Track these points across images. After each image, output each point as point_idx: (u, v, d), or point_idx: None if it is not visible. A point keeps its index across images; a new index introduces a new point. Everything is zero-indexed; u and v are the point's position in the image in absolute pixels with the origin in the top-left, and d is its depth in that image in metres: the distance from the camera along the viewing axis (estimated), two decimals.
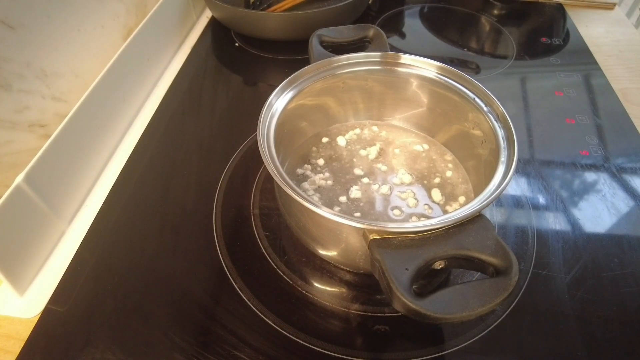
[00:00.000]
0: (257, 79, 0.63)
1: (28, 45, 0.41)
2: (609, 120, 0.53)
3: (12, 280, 0.37)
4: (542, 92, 0.58)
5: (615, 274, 0.39)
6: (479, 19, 0.74)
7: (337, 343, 0.34)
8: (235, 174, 0.47)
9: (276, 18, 0.64)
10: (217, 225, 0.42)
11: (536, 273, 0.38)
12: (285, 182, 0.31)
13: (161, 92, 0.59)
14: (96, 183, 0.48)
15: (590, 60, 0.63)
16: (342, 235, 0.32)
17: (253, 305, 0.37)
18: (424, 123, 0.45)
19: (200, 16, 0.75)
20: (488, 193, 0.30)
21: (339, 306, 0.37)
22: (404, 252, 0.27)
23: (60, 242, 0.42)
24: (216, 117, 0.56)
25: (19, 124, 0.41)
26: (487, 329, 0.35)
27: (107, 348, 0.34)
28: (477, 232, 0.28)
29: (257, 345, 0.34)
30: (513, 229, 0.42)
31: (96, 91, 0.47)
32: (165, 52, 0.64)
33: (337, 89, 0.43)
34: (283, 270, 0.39)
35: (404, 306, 0.25)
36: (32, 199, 0.39)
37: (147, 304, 0.37)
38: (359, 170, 0.42)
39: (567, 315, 0.36)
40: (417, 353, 0.34)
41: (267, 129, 0.36)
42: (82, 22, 0.48)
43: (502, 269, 0.26)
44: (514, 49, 0.67)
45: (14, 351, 0.34)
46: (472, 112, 0.38)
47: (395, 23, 0.74)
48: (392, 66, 0.42)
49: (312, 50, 0.44)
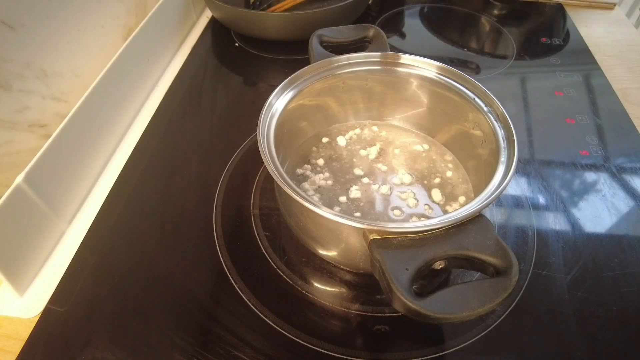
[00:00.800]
0: (257, 79, 0.63)
1: (28, 45, 0.41)
2: (609, 120, 0.53)
3: (12, 280, 0.37)
4: (542, 92, 0.58)
5: (615, 274, 0.39)
6: (479, 19, 0.74)
7: (337, 343, 0.34)
8: (235, 174, 0.47)
9: (276, 18, 0.64)
10: (217, 225, 0.42)
11: (536, 273, 0.38)
12: (285, 182, 0.31)
13: (161, 92, 0.59)
14: (96, 183, 0.48)
15: (590, 60, 0.63)
16: (342, 235, 0.32)
17: (253, 305, 0.37)
18: (424, 123, 0.45)
19: (200, 16, 0.75)
20: (488, 193, 0.30)
21: (339, 306, 0.37)
22: (404, 252, 0.27)
23: (60, 242, 0.42)
24: (216, 117, 0.56)
25: (19, 124, 0.41)
26: (487, 329, 0.35)
27: (107, 348, 0.34)
28: (477, 232, 0.28)
29: (257, 345, 0.34)
30: (513, 229, 0.42)
31: (96, 91, 0.47)
32: (165, 52, 0.64)
33: (337, 89, 0.43)
34: (283, 270, 0.39)
35: (404, 306, 0.25)
36: (32, 199, 0.39)
37: (147, 304, 0.37)
38: (359, 170, 0.42)
39: (567, 315, 0.36)
40: (417, 353, 0.34)
41: (267, 129, 0.36)
42: (82, 22, 0.48)
43: (502, 269, 0.26)
44: (514, 49, 0.67)
45: (14, 351, 0.34)
46: (472, 112, 0.38)
47: (395, 23, 0.74)
48: (392, 66, 0.42)
49: (312, 50, 0.44)
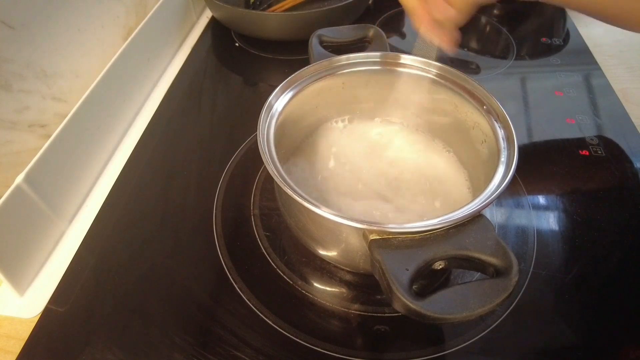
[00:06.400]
0: (257, 79, 0.63)
1: (28, 45, 0.41)
2: (609, 120, 0.53)
3: (12, 280, 0.37)
4: (542, 92, 0.58)
5: (615, 274, 0.39)
6: (479, 19, 0.74)
7: (337, 343, 0.34)
8: (235, 174, 0.47)
9: (276, 18, 0.64)
10: (217, 225, 0.42)
11: (536, 273, 0.38)
12: (285, 182, 0.31)
13: (161, 92, 0.59)
14: (96, 183, 0.48)
15: (591, 60, 0.63)
16: (342, 236, 0.32)
17: (253, 305, 0.37)
18: (424, 123, 0.45)
19: (200, 16, 0.75)
20: (488, 193, 0.30)
21: (339, 306, 0.37)
22: (404, 253, 0.27)
23: (60, 242, 0.42)
24: (216, 117, 0.56)
25: (19, 124, 0.41)
26: (487, 329, 0.35)
27: (107, 348, 0.34)
28: (477, 232, 0.28)
29: (257, 345, 0.34)
30: (513, 229, 0.42)
31: (96, 91, 0.47)
32: (165, 52, 0.64)
33: (337, 89, 0.43)
34: (283, 270, 0.39)
35: (404, 306, 0.25)
36: (32, 199, 0.39)
37: (147, 304, 0.37)
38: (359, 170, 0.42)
39: (567, 315, 0.36)
40: (417, 353, 0.34)
41: (267, 129, 0.36)
42: (82, 22, 0.48)
43: (502, 269, 0.26)
44: (514, 49, 0.67)
45: (14, 351, 0.34)
46: (472, 112, 0.38)
47: (395, 23, 0.74)
48: (392, 66, 0.42)
49: (312, 50, 0.44)
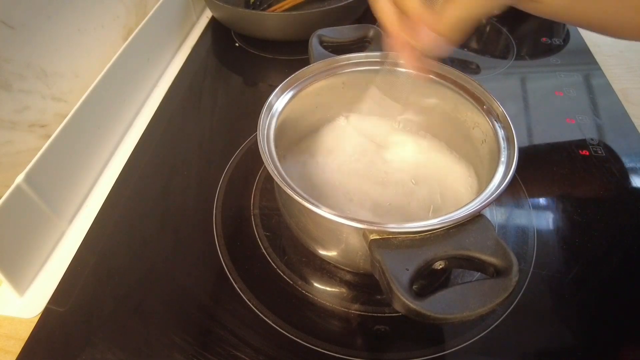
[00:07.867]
0: (257, 79, 0.63)
1: (28, 45, 0.41)
2: (609, 120, 0.53)
3: (12, 280, 0.37)
4: (542, 92, 0.58)
5: (615, 274, 0.39)
6: None
7: (337, 343, 0.34)
8: (235, 174, 0.47)
9: (276, 18, 0.64)
10: (217, 226, 0.42)
11: (536, 273, 0.38)
12: (285, 182, 0.31)
13: (161, 92, 0.59)
14: (96, 183, 0.48)
15: (591, 60, 0.63)
16: (342, 236, 0.32)
17: (253, 306, 0.37)
18: (424, 123, 0.45)
19: (200, 16, 0.75)
20: (488, 193, 0.30)
21: (339, 306, 0.37)
22: (404, 253, 0.27)
23: (60, 242, 0.42)
24: (216, 117, 0.56)
25: (19, 124, 0.40)
26: (487, 329, 0.35)
27: (107, 348, 0.34)
28: (477, 232, 0.28)
29: (257, 345, 0.34)
30: (513, 229, 0.42)
31: (96, 91, 0.47)
32: (165, 52, 0.64)
33: (337, 89, 0.43)
34: (283, 270, 0.39)
35: (404, 306, 0.25)
36: (32, 199, 0.39)
37: (147, 304, 0.37)
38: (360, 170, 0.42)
39: (567, 315, 0.36)
40: (417, 353, 0.34)
41: (267, 128, 0.36)
42: (82, 22, 0.48)
43: (502, 269, 0.26)
44: (514, 49, 0.67)
45: (14, 351, 0.34)
46: (472, 112, 0.38)
47: None
48: (392, 66, 0.42)
49: (312, 51, 0.44)
